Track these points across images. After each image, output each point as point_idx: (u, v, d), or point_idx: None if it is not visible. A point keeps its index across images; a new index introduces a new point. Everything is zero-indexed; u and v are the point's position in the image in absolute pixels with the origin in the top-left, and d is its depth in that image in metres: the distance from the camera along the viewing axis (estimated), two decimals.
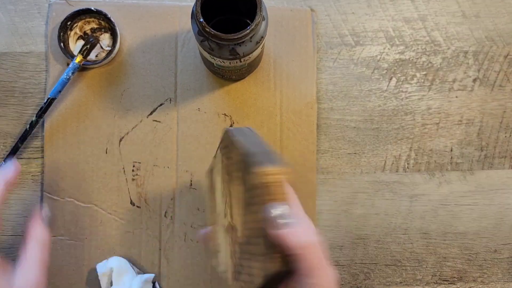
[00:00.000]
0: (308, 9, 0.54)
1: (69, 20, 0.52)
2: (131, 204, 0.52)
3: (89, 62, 0.51)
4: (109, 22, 0.52)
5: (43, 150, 0.52)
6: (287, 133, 0.53)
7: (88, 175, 0.52)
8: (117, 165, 0.52)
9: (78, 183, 0.52)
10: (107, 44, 0.53)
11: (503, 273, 0.53)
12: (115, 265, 0.49)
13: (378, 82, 0.54)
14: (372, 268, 0.53)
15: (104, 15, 0.51)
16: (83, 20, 0.52)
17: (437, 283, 0.53)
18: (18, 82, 0.53)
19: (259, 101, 0.53)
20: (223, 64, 0.46)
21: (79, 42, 0.53)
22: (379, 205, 0.53)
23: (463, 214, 0.53)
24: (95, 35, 0.53)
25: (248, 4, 0.42)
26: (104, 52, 0.53)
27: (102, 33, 0.53)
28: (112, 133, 0.52)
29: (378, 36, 0.55)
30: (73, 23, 0.52)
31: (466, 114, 0.54)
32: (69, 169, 0.52)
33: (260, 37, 0.43)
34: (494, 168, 0.54)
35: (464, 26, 0.55)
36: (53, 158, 0.52)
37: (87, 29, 0.53)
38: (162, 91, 0.53)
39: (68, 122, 0.52)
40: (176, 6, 0.53)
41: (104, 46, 0.53)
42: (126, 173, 0.52)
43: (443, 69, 0.54)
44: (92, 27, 0.53)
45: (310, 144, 0.53)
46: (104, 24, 0.53)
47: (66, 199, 0.51)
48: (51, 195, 0.51)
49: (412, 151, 0.54)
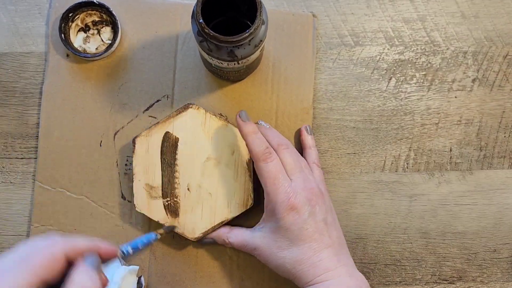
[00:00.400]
0: (310, 14, 0.54)
1: (71, 12, 0.52)
2: (122, 198, 0.52)
3: (88, 55, 0.52)
4: (111, 16, 0.52)
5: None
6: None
7: (81, 167, 0.52)
8: (110, 159, 0.52)
9: (70, 174, 0.52)
10: (108, 38, 0.53)
11: (502, 272, 0.53)
12: None
13: (378, 82, 0.54)
14: (372, 267, 0.53)
15: (106, 8, 0.52)
16: (85, 12, 0.53)
17: (437, 283, 0.53)
18: (19, 82, 0.53)
19: (255, 103, 0.53)
20: (221, 65, 0.46)
21: (80, 34, 0.53)
22: (379, 205, 0.53)
23: (463, 213, 0.53)
24: (96, 27, 0.53)
25: (249, 6, 0.42)
26: (104, 45, 0.53)
27: (103, 26, 0.53)
28: (108, 127, 0.52)
29: (378, 36, 0.55)
30: (74, 14, 0.52)
31: (465, 114, 0.54)
32: (62, 160, 0.52)
33: (259, 40, 0.43)
34: (493, 168, 0.54)
35: (463, 26, 0.55)
36: (47, 148, 0.52)
37: (89, 21, 0.53)
38: (160, 87, 0.53)
39: (64, 113, 0.52)
40: (178, 4, 0.54)
41: (104, 39, 0.53)
42: (119, 167, 0.52)
43: (442, 69, 0.55)
44: (93, 20, 0.53)
45: None
46: (106, 17, 0.53)
47: (58, 189, 0.52)
48: (42, 185, 0.51)
49: (411, 151, 0.54)
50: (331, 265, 0.42)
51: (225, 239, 0.48)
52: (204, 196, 0.49)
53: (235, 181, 0.49)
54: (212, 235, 0.49)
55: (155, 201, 0.48)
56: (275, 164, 0.44)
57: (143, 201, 0.49)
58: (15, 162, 0.52)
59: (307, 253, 0.42)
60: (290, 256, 0.42)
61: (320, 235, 0.43)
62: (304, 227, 0.42)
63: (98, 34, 0.53)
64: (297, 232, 0.42)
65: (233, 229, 0.48)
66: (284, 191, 0.43)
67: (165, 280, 0.51)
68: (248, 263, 0.52)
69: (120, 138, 0.52)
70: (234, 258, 0.52)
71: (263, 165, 0.44)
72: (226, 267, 0.51)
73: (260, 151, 0.45)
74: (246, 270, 0.52)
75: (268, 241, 0.44)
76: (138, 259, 0.51)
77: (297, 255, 0.42)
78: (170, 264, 0.51)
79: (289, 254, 0.42)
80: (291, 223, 0.42)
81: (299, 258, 0.42)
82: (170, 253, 0.51)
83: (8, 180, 0.52)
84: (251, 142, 0.45)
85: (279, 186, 0.43)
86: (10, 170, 0.52)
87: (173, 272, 0.51)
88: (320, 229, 0.43)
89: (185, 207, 0.49)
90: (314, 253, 0.42)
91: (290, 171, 0.45)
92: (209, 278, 0.51)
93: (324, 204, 0.45)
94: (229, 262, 0.52)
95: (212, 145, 0.49)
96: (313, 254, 0.42)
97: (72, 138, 0.52)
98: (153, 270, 0.51)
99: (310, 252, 0.42)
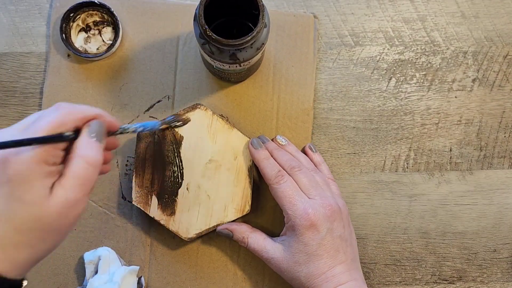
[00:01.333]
0: (311, 15, 0.54)
1: (72, 12, 0.52)
2: (122, 198, 0.52)
3: (89, 55, 0.52)
4: (112, 16, 0.52)
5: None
6: None
7: None
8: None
9: None
10: (109, 38, 0.53)
11: (502, 272, 0.53)
12: (103, 254, 0.49)
13: (378, 82, 0.54)
14: (372, 267, 0.53)
15: (107, 8, 0.52)
16: (86, 12, 0.53)
17: (437, 283, 0.53)
18: (19, 83, 0.53)
19: (256, 104, 0.53)
20: (222, 67, 0.46)
21: (81, 35, 0.53)
22: (379, 205, 0.53)
23: (463, 213, 0.53)
24: (97, 28, 0.53)
25: (251, 9, 0.42)
26: (105, 45, 0.53)
27: (104, 27, 0.53)
28: None
29: (378, 36, 0.55)
30: (76, 15, 0.52)
31: (465, 114, 0.54)
32: None
33: (261, 43, 0.43)
34: (493, 168, 0.54)
35: (463, 26, 0.55)
36: None
37: (90, 21, 0.53)
38: (161, 88, 0.53)
39: None
40: (180, 5, 0.54)
41: (105, 39, 0.53)
42: (119, 167, 0.52)
43: (442, 69, 0.55)
44: (94, 20, 0.53)
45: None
46: (107, 17, 0.53)
47: None
48: None
49: (411, 151, 0.54)
50: (343, 280, 0.44)
51: (244, 238, 0.48)
52: (202, 198, 0.49)
53: (235, 186, 0.49)
54: (232, 227, 0.49)
55: (153, 197, 0.49)
56: (288, 184, 0.46)
57: (141, 195, 0.49)
58: None
59: (322, 269, 0.44)
60: (306, 271, 0.44)
61: (336, 252, 0.44)
62: (322, 243, 0.44)
63: (99, 35, 0.53)
64: (315, 247, 0.44)
65: (255, 231, 0.49)
66: (302, 208, 0.45)
67: (165, 280, 0.51)
68: (248, 263, 0.52)
69: (121, 138, 0.52)
70: (235, 259, 0.52)
71: (276, 187, 0.46)
72: (226, 268, 0.52)
73: (273, 175, 0.47)
74: (247, 271, 0.52)
75: (287, 255, 0.45)
76: (138, 259, 0.51)
77: (313, 270, 0.44)
78: (170, 264, 0.51)
79: (305, 269, 0.44)
80: (310, 239, 0.44)
81: (314, 273, 0.44)
82: (170, 253, 0.51)
83: None
84: (263, 167, 0.48)
85: (296, 203, 0.45)
86: None
87: (173, 272, 0.51)
88: (336, 245, 0.45)
89: (182, 206, 0.49)
90: (329, 269, 0.44)
91: (306, 191, 0.46)
92: (209, 278, 0.51)
93: (342, 220, 0.46)
94: (230, 263, 0.52)
95: (216, 148, 0.49)
96: (327, 270, 0.44)
97: None
98: (153, 270, 0.51)
99: (325, 268, 0.44)
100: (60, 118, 0.33)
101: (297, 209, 0.45)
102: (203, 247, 0.52)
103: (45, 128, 0.32)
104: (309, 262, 0.44)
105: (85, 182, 0.33)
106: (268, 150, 0.49)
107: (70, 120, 0.34)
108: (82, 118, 0.34)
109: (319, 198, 0.46)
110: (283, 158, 0.49)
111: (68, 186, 0.32)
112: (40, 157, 0.31)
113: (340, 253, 0.45)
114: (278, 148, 0.50)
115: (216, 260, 0.52)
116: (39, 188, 0.32)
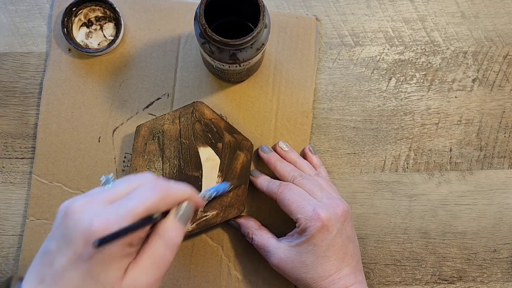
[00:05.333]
0: (313, 18, 0.54)
1: (74, 6, 0.52)
2: None
3: (90, 50, 0.52)
4: (114, 12, 0.52)
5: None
6: (280, 139, 0.53)
7: (79, 161, 0.52)
8: (108, 155, 0.52)
9: (67, 169, 0.52)
10: (110, 34, 0.53)
11: (502, 272, 0.53)
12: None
13: (378, 82, 0.54)
14: (372, 267, 0.53)
15: (109, 4, 0.52)
16: (89, 7, 0.53)
17: (437, 283, 0.53)
18: (19, 83, 0.53)
19: (255, 105, 0.53)
20: (222, 67, 0.46)
21: (82, 29, 0.53)
22: (379, 205, 0.53)
23: (463, 213, 0.53)
24: (99, 23, 0.53)
25: (252, 9, 0.42)
26: (106, 41, 0.53)
27: (106, 22, 0.53)
28: (107, 123, 0.52)
29: (378, 36, 0.55)
30: (78, 9, 0.52)
31: (465, 114, 0.54)
32: (60, 154, 0.52)
33: (261, 44, 0.43)
34: (493, 168, 0.54)
35: (463, 26, 0.55)
36: (45, 141, 0.52)
37: (92, 17, 0.53)
38: (161, 85, 0.53)
39: (64, 107, 0.52)
40: (182, 3, 0.54)
41: (107, 35, 0.53)
42: (117, 163, 0.52)
43: (442, 69, 0.55)
44: (96, 15, 0.53)
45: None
46: (109, 13, 0.53)
47: (54, 183, 0.51)
48: (39, 178, 0.51)
49: (411, 151, 0.54)
50: (348, 282, 0.44)
51: (250, 233, 0.49)
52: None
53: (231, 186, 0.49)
54: (240, 221, 0.49)
55: None
56: (291, 192, 0.46)
57: None
58: (15, 162, 0.52)
59: (329, 271, 0.44)
60: (312, 272, 0.44)
61: (344, 254, 0.44)
62: (331, 244, 0.44)
63: (101, 30, 0.53)
64: (325, 248, 0.44)
65: (261, 229, 0.49)
66: (311, 210, 0.44)
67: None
68: (243, 263, 0.52)
69: (119, 134, 0.52)
70: (230, 258, 0.52)
71: (281, 197, 0.46)
72: (220, 267, 0.51)
73: (274, 189, 0.47)
74: (241, 270, 0.51)
75: (292, 255, 0.45)
76: None
77: (320, 272, 0.44)
78: None
79: (312, 270, 0.44)
80: (320, 240, 0.44)
81: (321, 274, 0.44)
82: None
83: (8, 180, 0.52)
84: (265, 187, 0.49)
85: (305, 206, 0.45)
86: (10, 170, 0.52)
87: (168, 272, 0.51)
88: (344, 246, 0.44)
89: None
90: (336, 271, 0.44)
91: (313, 194, 0.46)
92: (203, 277, 0.51)
93: (351, 220, 0.46)
94: (224, 262, 0.52)
95: (215, 147, 0.49)
96: (334, 272, 0.44)
97: (71, 132, 0.52)
98: None
99: (333, 270, 0.44)
100: (156, 203, 0.32)
101: (306, 211, 0.44)
102: (197, 245, 0.52)
103: (140, 213, 0.31)
104: (316, 263, 0.44)
105: (161, 264, 0.33)
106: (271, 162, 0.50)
107: (165, 205, 0.33)
108: (176, 203, 0.34)
109: (327, 199, 0.46)
110: (284, 169, 0.49)
111: (143, 267, 0.32)
112: (128, 240, 0.31)
113: (348, 255, 0.44)
114: (281, 159, 0.50)
115: (210, 259, 0.51)
116: (116, 269, 0.31)
